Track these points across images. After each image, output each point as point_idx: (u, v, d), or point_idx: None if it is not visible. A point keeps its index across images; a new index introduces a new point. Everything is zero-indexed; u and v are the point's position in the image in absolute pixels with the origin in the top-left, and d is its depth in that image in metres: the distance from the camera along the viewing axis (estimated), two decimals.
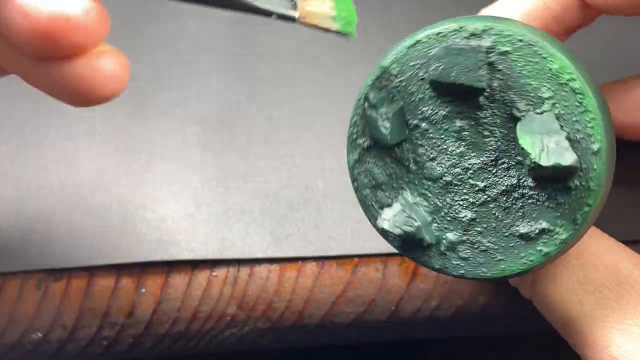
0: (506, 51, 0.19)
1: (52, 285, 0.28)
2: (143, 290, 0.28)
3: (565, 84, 0.18)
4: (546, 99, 0.18)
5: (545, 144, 0.17)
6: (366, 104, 0.20)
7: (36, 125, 0.31)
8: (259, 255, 0.28)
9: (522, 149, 0.18)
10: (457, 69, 0.18)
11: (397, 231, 0.20)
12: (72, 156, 0.30)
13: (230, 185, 0.30)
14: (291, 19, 0.18)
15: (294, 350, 0.48)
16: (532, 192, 0.19)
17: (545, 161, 0.17)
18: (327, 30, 0.18)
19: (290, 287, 0.28)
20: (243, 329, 0.28)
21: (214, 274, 0.28)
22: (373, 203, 0.21)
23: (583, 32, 0.26)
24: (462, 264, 0.20)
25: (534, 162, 0.17)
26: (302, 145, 0.31)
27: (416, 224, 0.20)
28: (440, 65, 0.19)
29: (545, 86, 0.18)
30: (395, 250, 0.28)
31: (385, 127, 0.19)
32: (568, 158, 0.17)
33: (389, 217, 0.20)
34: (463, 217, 0.20)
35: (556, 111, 0.18)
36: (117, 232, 0.28)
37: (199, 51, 0.34)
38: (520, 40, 0.18)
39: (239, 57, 0.34)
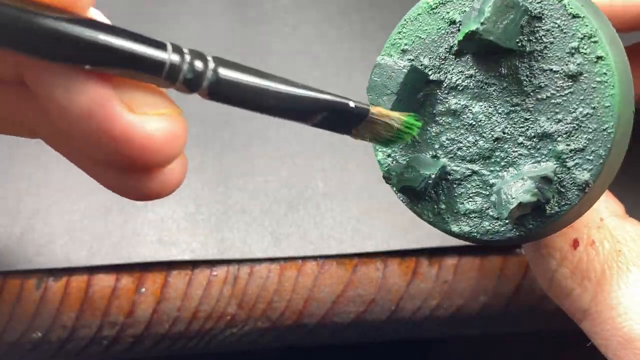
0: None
1: (52, 285, 0.28)
2: (143, 290, 0.28)
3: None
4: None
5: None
6: (388, 175, 0.20)
7: None
8: (259, 255, 0.28)
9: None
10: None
11: (527, 197, 0.17)
12: None
13: (230, 185, 0.30)
14: (364, 113, 0.18)
15: (294, 349, 0.48)
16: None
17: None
18: (391, 127, 0.18)
19: (290, 287, 0.28)
20: (243, 329, 0.28)
21: (214, 273, 0.28)
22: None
23: None
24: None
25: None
26: (302, 145, 0.31)
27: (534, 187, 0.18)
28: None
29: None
30: (394, 249, 0.28)
31: (414, 170, 0.19)
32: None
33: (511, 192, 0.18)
34: (539, 134, 0.18)
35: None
36: (117, 232, 0.28)
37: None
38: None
39: (239, 56, 0.34)
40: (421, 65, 0.20)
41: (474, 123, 0.19)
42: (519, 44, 0.18)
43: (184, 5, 0.36)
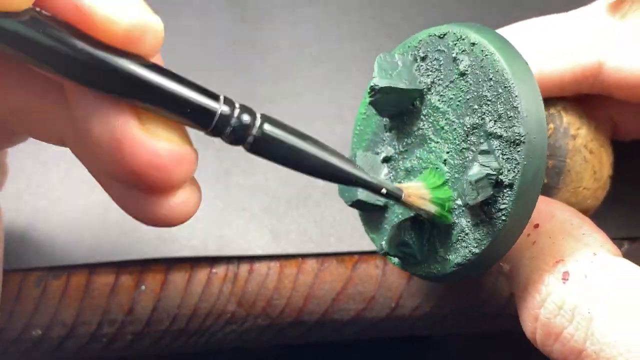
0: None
1: (52, 282, 0.28)
2: (143, 287, 0.28)
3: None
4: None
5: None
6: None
7: None
8: (259, 252, 0.28)
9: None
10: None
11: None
12: (71, 154, 0.30)
13: (230, 183, 0.30)
14: (397, 198, 0.19)
15: (294, 347, 0.48)
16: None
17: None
18: (426, 212, 0.20)
19: (290, 284, 0.28)
20: (243, 326, 0.28)
21: (214, 271, 0.28)
22: None
23: None
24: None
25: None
26: None
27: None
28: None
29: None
30: None
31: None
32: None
33: None
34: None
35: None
36: (116, 230, 0.28)
37: (199, 49, 0.34)
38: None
39: (239, 54, 0.34)
40: (376, 153, 0.23)
41: (426, 165, 0.21)
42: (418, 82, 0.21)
43: (184, 3, 0.36)
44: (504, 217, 0.19)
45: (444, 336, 0.52)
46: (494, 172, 0.19)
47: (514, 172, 0.19)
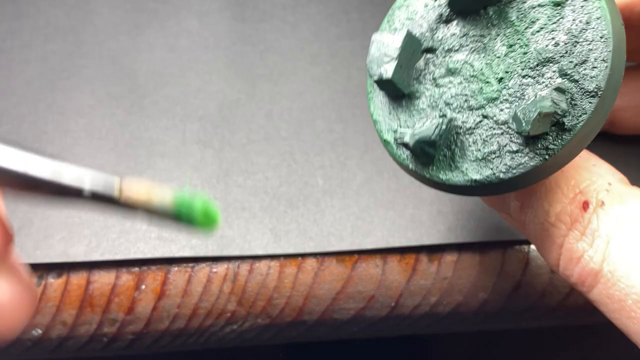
0: None
1: (52, 282, 0.28)
2: (143, 287, 0.28)
3: None
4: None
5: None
6: (401, 138, 0.20)
7: (34, 120, 0.31)
8: (259, 251, 0.28)
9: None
10: None
11: (546, 106, 0.18)
12: (70, 151, 0.30)
13: (230, 182, 0.30)
14: (110, 199, 0.17)
15: (294, 346, 0.48)
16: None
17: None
18: (161, 216, 0.17)
19: (290, 284, 0.28)
20: (243, 325, 0.28)
21: (214, 270, 0.28)
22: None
23: None
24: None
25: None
26: (302, 142, 0.31)
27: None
28: None
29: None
30: (394, 246, 0.28)
31: (424, 124, 0.20)
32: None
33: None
34: (541, 61, 0.19)
35: None
36: (116, 228, 0.28)
37: (198, 48, 0.34)
38: None
39: (239, 54, 0.34)
40: (419, 39, 0.21)
41: (475, 74, 0.20)
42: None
43: (183, 3, 0.36)
44: (547, 156, 0.18)
45: (444, 335, 0.52)
46: (561, 114, 0.18)
47: (577, 119, 0.18)
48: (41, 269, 0.28)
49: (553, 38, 0.19)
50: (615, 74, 0.18)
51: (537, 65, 0.19)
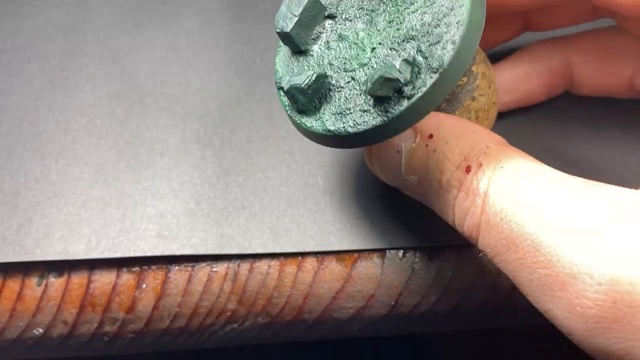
0: None
1: (53, 281, 0.28)
2: (143, 285, 0.28)
3: None
4: None
5: None
6: (280, 82, 0.24)
7: (35, 118, 0.31)
8: (259, 250, 0.28)
9: None
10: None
11: (389, 72, 0.21)
12: (70, 150, 0.30)
13: (230, 181, 0.30)
14: None
15: (294, 345, 0.48)
16: None
17: None
18: None
19: (290, 283, 0.28)
20: (243, 324, 0.28)
21: (214, 269, 0.28)
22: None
23: None
24: (442, 50, 0.21)
25: None
26: (302, 142, 0.31)
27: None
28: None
29: None
30: (397, 244, 0.28)
31: (301, 72, 0.23)
32: None
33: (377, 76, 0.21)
34: (407, 37, 0.22)
35: None
36: (116, 226, 0.28)
37: (199, 47, 0.34)
38: None
39: (239, 53, 0.34)
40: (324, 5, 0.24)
41: (357, 41, 0.23)
42: None
43: (183, 2, 0.36)
44: (386, 118, 0.21)
45: (443, 334, 0.52)
46: (403, 82, 0.20)
47: (415, 90, 0.20)
48: (42, 268, 0.28)
49: (422, 19, 0.21)
50: (461, 56, 0.21)
51: (403, 40, 0.22)
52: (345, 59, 0.23)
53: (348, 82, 0.23)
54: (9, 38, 0.34)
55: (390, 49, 0.22)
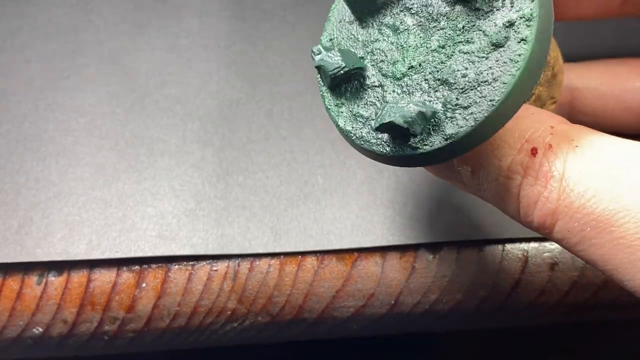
0: None
1: (53, 280, 0.28)
2: (143, 284, 0.28)
3: None
4: None
5: None
6: (314, 56, 0.21)
7: (35, 119, 0.31)
8: (259, 250, 0.28)
9: None
10: None
11: (393, 117, 0.19)
12: (71, 150, 0.30)
13: (231, 181, 0.30)
14: None
15: (294, 344, 0.48)
16: (479, 11, 0.19)
17: None
18: None
19: (290, 282, 0.28)
20: (243, 324, 0.28)
21: (214, 268, 0.28)
22: (372, 132, 0.21)
23: None
24: (472, 110, 0.19)
25: None
26: (302, 141, 0.31)
27: (410, 105, 0.19)
28: None
29: None
30: (394, 244, 0.28)
31: (336, 59, 0.21)
32: None
33: (382, 115, 0.20)
34: (446, 76, 0.20)
35: None
36: (116, 226, 0.29)
37: (199, 48, 0.34)
38: None
39: (239, 53, 0.34)
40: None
41: (404, 45, 0.21)
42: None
43: (183, 3, 0.36)
44: (388, 151, 0.20)
45: (443, 333, 0.52)
46: (411, 132, 0.19)
47: (421, 147, 0.19)
48: (42, 267, 0.28)
49: (466, 69, 0.19)
50: (478, 134, 0.19)
51: (439, 79, 0.20)
52: (386, 57, 0.21)
53: (376, 86, 0.21)
54: (9, 38, 0.34)
55: (425, 80, 0.20)
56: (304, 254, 0.28)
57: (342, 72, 0.20)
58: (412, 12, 0.21)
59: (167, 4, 0.35)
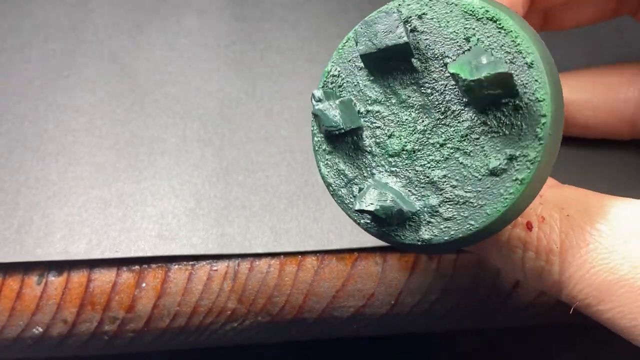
0: (422, 14, 0.19)
1: (53, 280, 0.28)
2: (143, 284, 0.28)
3: (482, 17, 0.19)
4: (470, 37, 0.19)
5: (475, 63, 0.17)
6: (313, 102, 0.20)
7: (35, 118, 0.31)
8: (259, 250, 0.28)
9: (456, 75, 0.17)
10: (379, 35, 0.19)
11: (372, 207, 0.19)
12: (71, 149, 0.30)
13: (230, 181, 0.30)
14: None
15: (294, 344, 0.48)
16: (487, 126, 0.19)
17: (477, 74, 0.17)
18: None
19: (290, 282, 0.28)
20: (243, 323, 0.28)
21: (214, 268, 0.28)
22: (351, 199, 0.21)
23: None
24: (449, 225, 0.19)
25: (468, 81, 0.17)
26: (302, 141, 0.31)
27: (391, 196, 0.19)
28: (364, 39, 0.19)
29: (465, 26, 0.19)
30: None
31: (334, 114, 0.20)
32: (500, 66, 0.17)
33: (363, 198, 0.20)
34: (435, 178, 0.20)
35: (482, 44, 0.19)
36: (116, 226, 0.29)
37: (198, 47, 0.34)
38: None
39: (239, 53, 0.34)
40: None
41: (404, 122, 0.20)
42: (491, 114, 0.19)
43: (183, 2, 0.36)
44: (365, 226, 0.20)
45: (443, 333, 0.52)
46: (383, 217, 0.19)
47: (392, 236, 0.20)
48: (42, 267, 0.28)
49: (458, 181, 0.19)
50: (449, 246, 0.19)
51: (428, 178, 0.19)
52: (383, 126, 0.20)
53: (366, 152, 0.20)
54: (9, 38, 0.34)
55: (414, 171, 0.20)
56: (304, 253, 0.28)
57: (337, 132, 0.20)
58: (422, 91, 0.20)
59: (167, 3, 0.35)
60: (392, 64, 0.20)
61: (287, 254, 0.28)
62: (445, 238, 0.19)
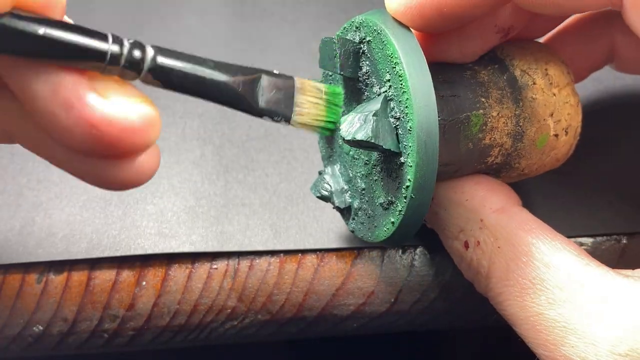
0: (369, 40, 0.21)
1: (53, 278, 0.28)
2: (143, 283, 0.28)
3: (394, 67, 0.20)
4: (386, 81, 0.21)
5: (354, 121, 0.20)
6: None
7: None
8: (259, 248, 0.28)
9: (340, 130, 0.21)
10: (328, 59, 0.23)
11: (316, 194, 0.24)
12: None
13: (230, 179, 0.30)
14: (287, 120, 0.21)
15: (294, 342, 0.48)
16: (382, 167, 0.22)
17: (346, 135, 0.20)
18: (320, 92, 0.22)
19: (290, 280, 0.28)
20: (243, 322, 0.28)
21: (214, 266, 0.28)
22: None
23: None
24: (360, 228, 0.24)
25: (342, 136, 0.20)
26: (302, 139, 0.31)
27: (330, 189, 0.24)
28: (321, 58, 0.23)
29: (386, 69, 0.21)
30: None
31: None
32: (363, 133, 0.20)
33: (315, 183, 0.25)
34: (359, 187, 0.23)
35: (390, 92, 0.20)
36: (117, 225, 0.29)
37: (198, 46, 0.34)
38: (376, 31, 0.21)
39: (239, 52, 0.34)
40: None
41: (353, 182, 0.24)
42: (378, 164, 0.22)
43: (184, 1, 0.36)
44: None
45: (443, 331, 0.52)
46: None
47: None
48: (42, 266, 0.28)
49: (369, 198, 0.23)
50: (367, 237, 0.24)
51: (358, 187, 0.24)
52: (342, 171, 0.25)
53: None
54: None
55: (354, 174, 0.24)
56: (304, 251, 0.28)
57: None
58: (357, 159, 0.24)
59: (167, 2, 0.36)
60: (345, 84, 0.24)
61: (287, 252, 0.28)
62: (360, 235, 0.24)
